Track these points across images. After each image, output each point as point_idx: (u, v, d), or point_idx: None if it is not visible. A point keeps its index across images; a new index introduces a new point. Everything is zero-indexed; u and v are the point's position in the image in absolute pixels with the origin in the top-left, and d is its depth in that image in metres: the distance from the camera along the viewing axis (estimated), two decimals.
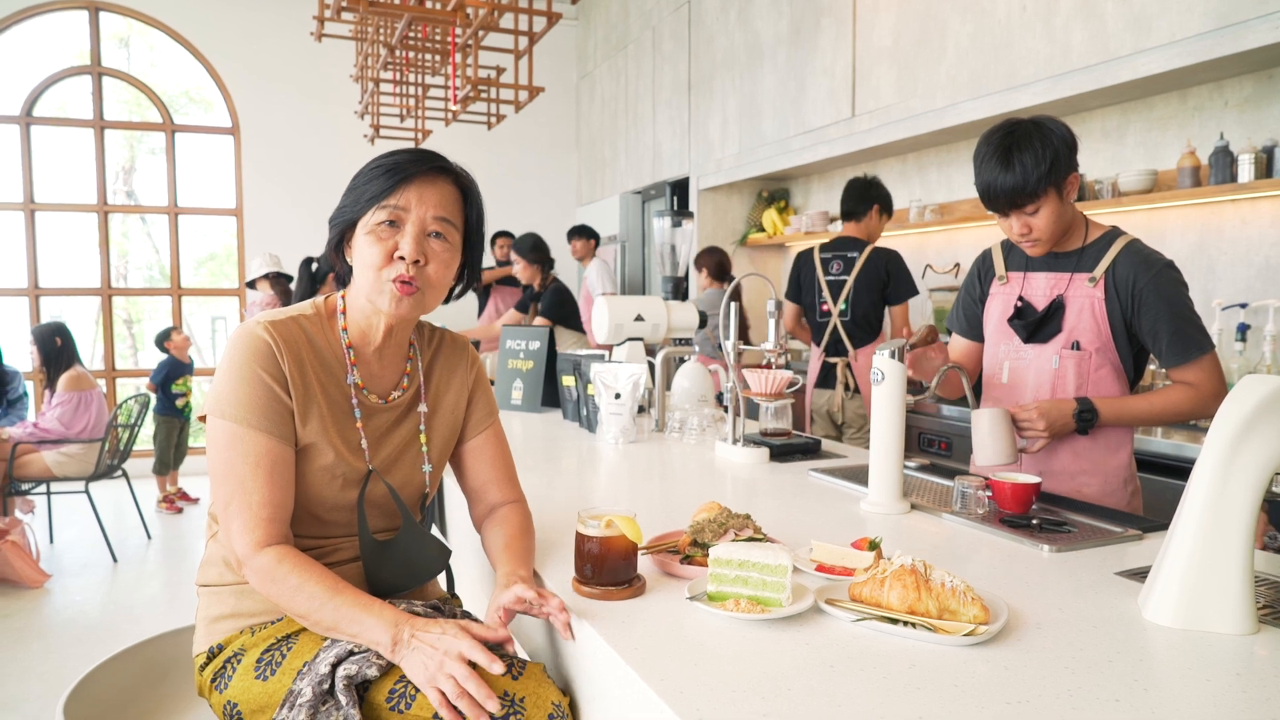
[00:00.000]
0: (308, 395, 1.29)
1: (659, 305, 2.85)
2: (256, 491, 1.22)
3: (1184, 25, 2.73)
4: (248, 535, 1.20)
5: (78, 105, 6.65)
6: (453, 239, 1.34)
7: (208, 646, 1.30)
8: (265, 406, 1.24)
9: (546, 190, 7.74)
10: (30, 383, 5.88)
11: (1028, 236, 1.81)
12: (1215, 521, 1.10)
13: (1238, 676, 0.96)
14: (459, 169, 1.37)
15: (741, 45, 5.18)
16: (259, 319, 1.30)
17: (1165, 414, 1.81)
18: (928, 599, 1.08)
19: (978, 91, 3.51)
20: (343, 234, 1.34)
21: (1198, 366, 1.77)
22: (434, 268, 1.32)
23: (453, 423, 1.47)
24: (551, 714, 1.11)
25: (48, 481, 4.68)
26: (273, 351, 1.26)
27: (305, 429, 1.28)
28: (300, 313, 1.34)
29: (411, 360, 1.44)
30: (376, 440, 1.36)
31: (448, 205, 1.33)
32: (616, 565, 1.20)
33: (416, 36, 4.52)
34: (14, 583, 4.13)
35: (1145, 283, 1.76)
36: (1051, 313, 1.86)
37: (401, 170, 1.29)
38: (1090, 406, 1.78)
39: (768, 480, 1.99)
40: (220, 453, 1.24)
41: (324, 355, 1.33)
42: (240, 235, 6.91)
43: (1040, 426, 1.77)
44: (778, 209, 5.60)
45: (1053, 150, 1.71)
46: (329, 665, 1.14)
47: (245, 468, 1.22)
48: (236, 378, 1.24)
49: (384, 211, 1.29)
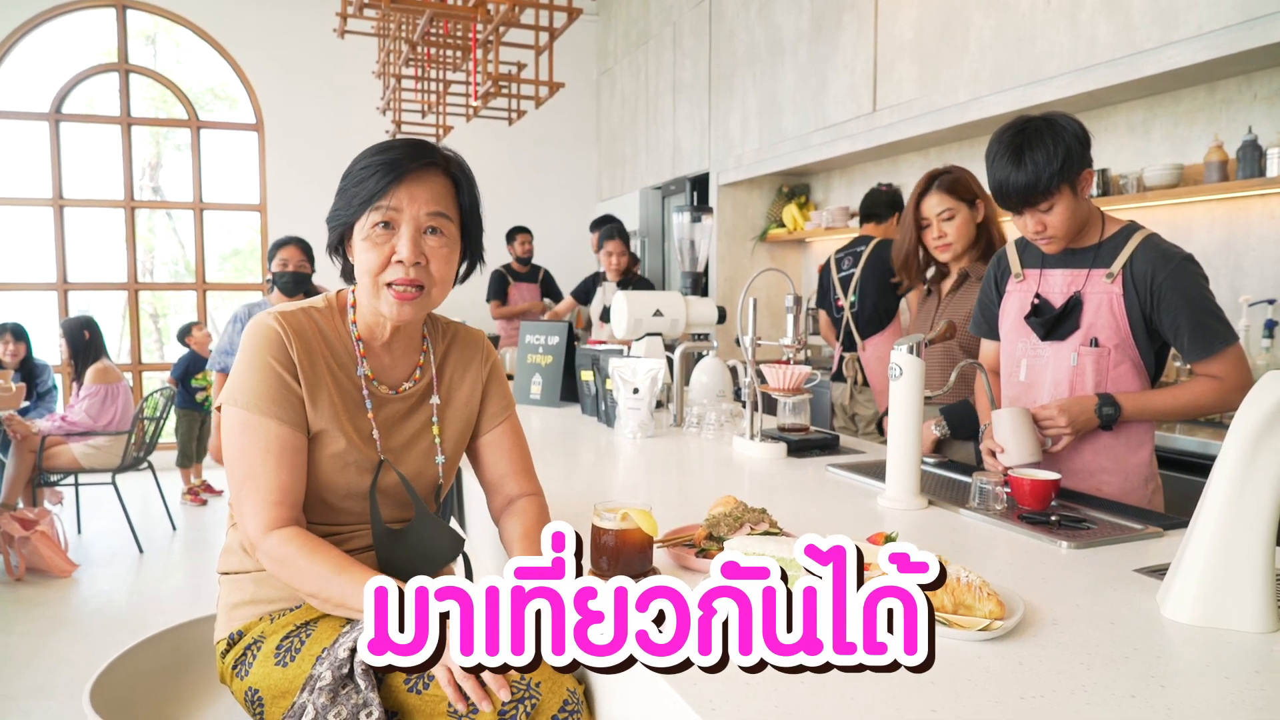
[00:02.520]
0: (318, 383, 1.31)
1: (678, 300, 2.86)
2: (266, 476, 1.24)
3: (1212, 17, 2.69)
4: (257, 519, 1.23)
5: (105, 102, 6.74)
6: (449, 231, 1.33)
7: (228, 633, 1.33)
8: (275, 393, 1.26)
9: (567, 185, 7.75)
10: (59, 376, 5.98)
11: (1043, 234, 1.80)
12: (1236, 518, 1.08)
13: (1256, 674, 0.95)
14: (449, 155, 1.36)
15: (762, 41, 5.16)
16: (272, 310, 1.33)
17: (1190, 408, 1.78)
18: (943, 594, 1.07)
19: (1000, 86, 3.48)
20: (341, 235, 1.35)
21: (1222, 359, 1.75)
22: (435, 265, 1.32)
23: (467, 416, 1.48)
24: (566, 700, 1.12)
25: (76, 473, 4.76)
26: (282, 340, 1.28)
27: (316, 416, 1.30)
28: (312, 305, 1.37)
29: (425, 353, 1.45)
30: (388, 430, 1.38)
31: (440, 198, 1.32)
32: (632, 558, 1.21)
33: (438, 32, 4.54)
34: (43, 572, 4.20)
35: (1164, 277, 1.74)
36: (1069, 309, 1.85)
37: (392, 169, 1.28)
38: (1112, 401, 1.76)
39: (785, 475, 1.99)
40: (233, 440, 1.26)
41: (334, 346, 1.35)
42: (264, 230, 6.97)
43: (1062, 423, 1.76)
44: (798, 204, 5.58)
45: (1065, 147, 1.70)
46: (347, 650, 1.16)
47: (256, 453, 1.24)
48: (248, 367, 1.27)
49: (378, 213, 1.28)
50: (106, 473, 4.77)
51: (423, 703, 1.15)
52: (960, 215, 2.34)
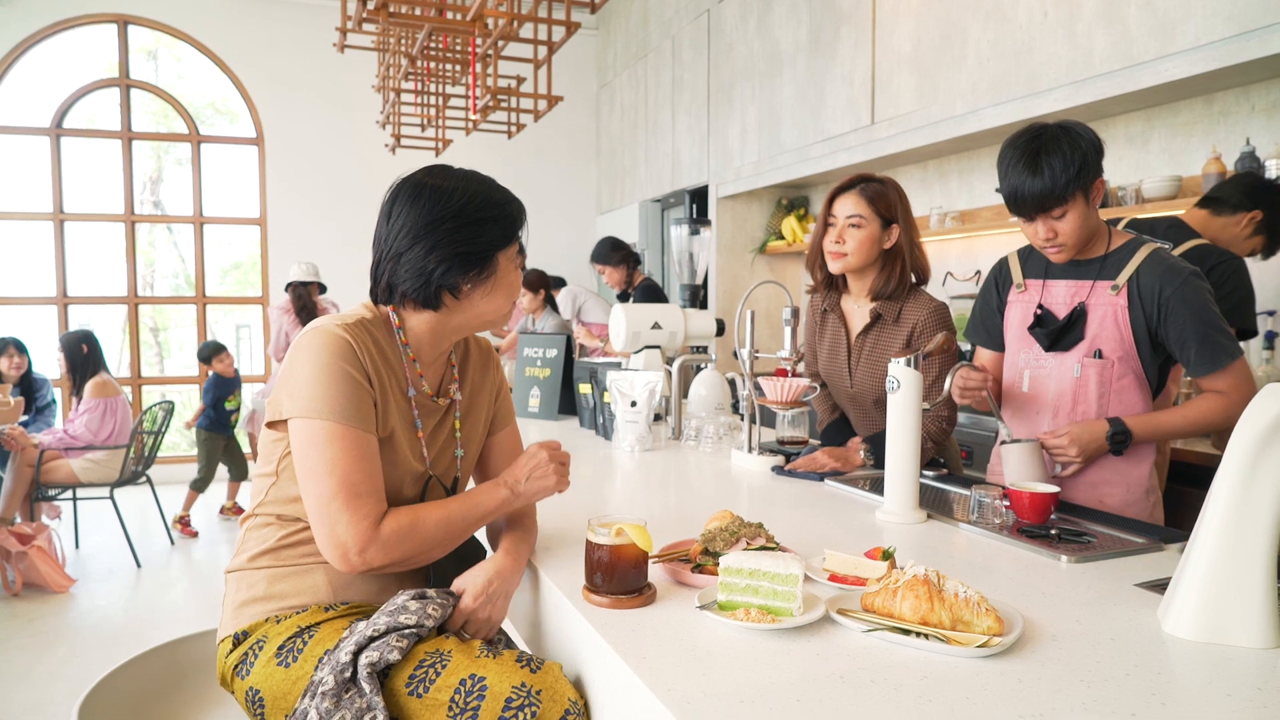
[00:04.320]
0: (384, 392, 1.35)
1: (676, 313, 2.85)
2: (364, 483, 1.27)
3: (1208, 30, 2.69)
4: (363, 521, 1.25)
5: (106, 117, 6.76)
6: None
7: (233, 632, 1.33)
8: (359, 402, 1.30)
9: (566, 199, 7.77)
10: (58, 390, 5.97)
11: (1053, 241, 1.79)
12: (1237, 532, 1.07)
13: (1259, 691, 0.94)
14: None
15: (761, 54, 5.18)
16: (330, 321, 1.34)
17: (1198, 425, 1.77)
18: (941, 610, 1.06)
19: (999, 98, 3.49)
20: (466, 263, 1.38)
21: (1228, 374, 1.75)
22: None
23: (485, 419, 1.58)
24: (568, 709, 1.13)
25: (74, 487, 4.75)
26: (354, 349, 1.31)
27: (385, 423, 1.35)
28: (360, 317, 1.39)
29: (452, 365, 1.53)
30: (429, 440, 1.45)
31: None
32: (627, 574, 1.20)
33: (437, 47, 4.56)
34: (40, 587, 4.18)
35: (1172, 292, 1.73)
36: (1073, 321, 1.84)
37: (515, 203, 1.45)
38: (1123, 428, 1.76)
39: (783, 489, 1.98)
40: (320, 452, 1.26)
41: (388, 357, 1.39)
42: (264, 244, 6.98)
43: (1073, 453, 1.75)
44: (797, 217, 5.59)
45: (1081, 154, 1.69)
46: (350, 654, 1.17)
47: (349, 461, 1.27)
48: (325, 378, 1.28)
49: (514, 246, 1.43)
50: (105, 487, 4.75)
51: (424, 706, 1.15)
52: (868, 229, 2.14)
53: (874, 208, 2.16)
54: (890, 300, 2.20)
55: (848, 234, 2.16)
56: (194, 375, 7.03)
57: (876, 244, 2.17)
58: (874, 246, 2.17)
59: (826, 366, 2.36)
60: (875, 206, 2.16)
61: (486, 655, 1.19)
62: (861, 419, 2.32)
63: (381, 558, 1.26)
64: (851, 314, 2.30)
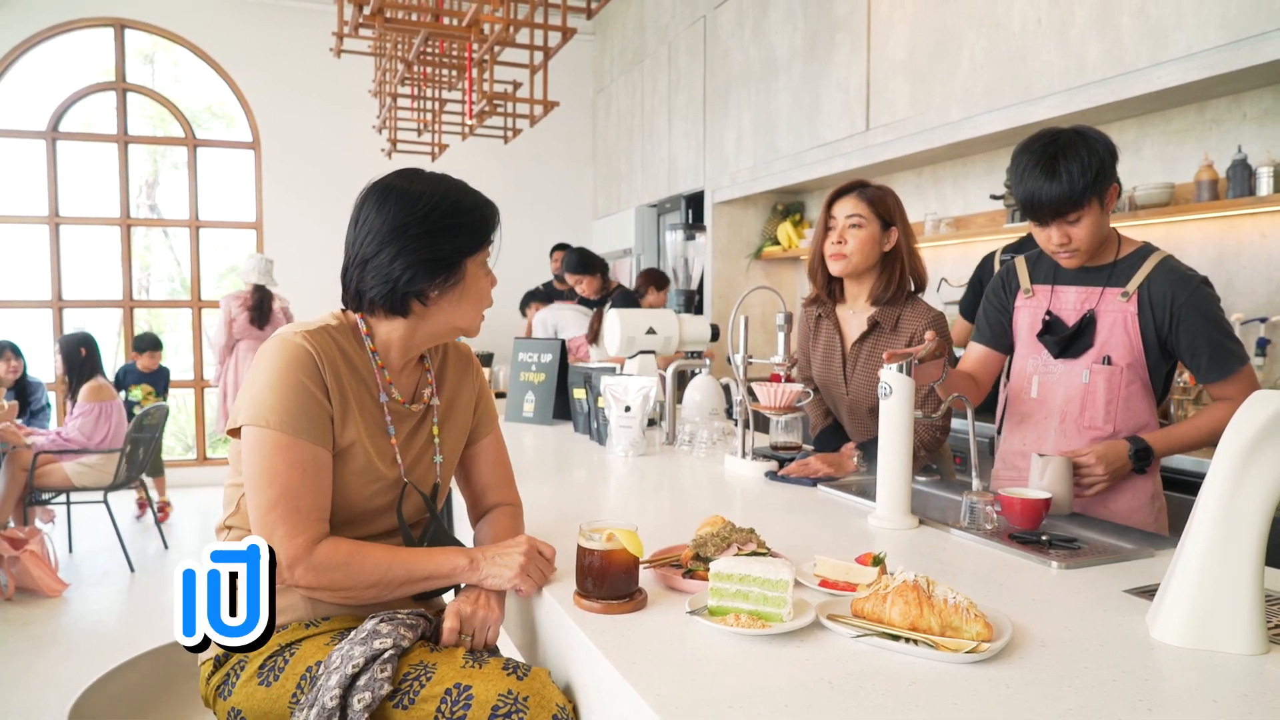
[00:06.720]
0: (345, 402, 1.32)
1: (671, 318, 2.86)
2: (305, 497, 1.25)
3: (1201, 38, 2.71)
4: (298, 538, 1.23)
5: (102, 120, 6.76)
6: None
7: (214, 655, 1.31)
8: (311, 414, 1.27)
9: (563, 203, 7.77)
10: (53, 393, 5.96)
11: (1066, 246, 1.78)
12: (1225, 539, 1.08)
13: (1245, 697, 0.94)
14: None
15: (756, 60, 5.19)
16: (293, 329, 1.32)
17: (1211, 434, 1.78)
18: (930, 615, 1.07)
19: (993, 104, 3.50)
20: (431, 270, 1.35)
21: (1237, 380, 1.76)
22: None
23: (464, 424, 1.54)
24: (556, 715, 1.12)
25: (67, 491, 4.73)
26: (314, 360, 1.29)
27: (342, 434, 1.32)
28: (326, 324, 1.37)
29: (426, 370, 1.50)
30: (404, 446, 1.42)
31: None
32: (618, 579, 1.20)
33: (433, 52, 4.57)
34: (33, 591, 4.16)
35: (1184, 300, 1.74)
36: (1083, 327, 1.84)
37: (489, 207, 1.42)
38: (1144, 445, 1.76)
39: (776, 494, 1.98)
40: (264, 461, 1.25)
41: (355, 365, 1.37)
42: (260, 248, 6.97)
43: (1100, 472, 1.75)
44: (792, 222, 5.60)
45: (1098, 159, 1.70)
46: (336, 697, 1.13)
47: (294, 474, 1.25)
48: (280, 386, 1.26)
49: (488, 247, 1.41)
50: (98, 491, 4.74)
51: (409, 718, 1.15)
52: (868, 229, 2.15)
53: (874, 209, 2.17)
54: (889, 306, 2.20)
55: (848, 234, 2.17)
56: (189, 379, 7.02)
57: (877, 245, 2.18)
58: (874, 247, 2.17)
59: (821, 373, 2.36)
60: (875, 208, 2.17)
61: (472, 665, 1.18)
62: (856, 426, 2.32)
63: (309, 579, 1.24)
64: (847, 321, 2.30)
